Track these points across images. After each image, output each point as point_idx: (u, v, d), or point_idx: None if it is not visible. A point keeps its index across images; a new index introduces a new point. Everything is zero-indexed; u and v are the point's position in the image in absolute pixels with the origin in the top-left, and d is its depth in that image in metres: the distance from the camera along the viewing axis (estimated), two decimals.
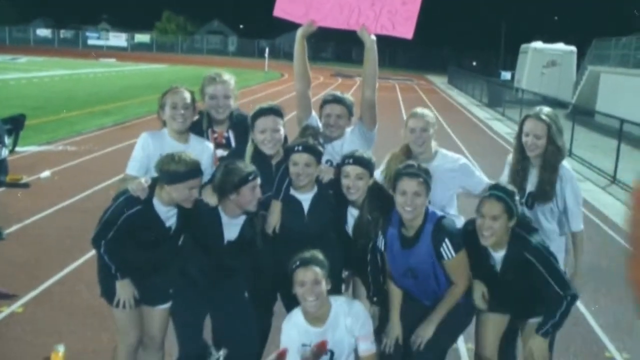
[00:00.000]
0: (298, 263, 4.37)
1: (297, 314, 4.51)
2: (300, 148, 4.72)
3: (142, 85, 34.71)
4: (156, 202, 4.45)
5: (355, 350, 4.54)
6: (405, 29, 5.11)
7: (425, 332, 4.57)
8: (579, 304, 7.64)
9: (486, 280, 4.60)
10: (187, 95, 4.92)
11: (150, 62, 60.06)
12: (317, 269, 4.33)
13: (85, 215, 9.93)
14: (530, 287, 4.45)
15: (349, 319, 4.45)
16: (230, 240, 4.67)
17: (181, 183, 4.35)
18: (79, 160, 14.21)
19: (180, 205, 4.48)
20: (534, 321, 4.63)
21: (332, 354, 4.44)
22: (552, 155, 4.87)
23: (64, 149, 15.50)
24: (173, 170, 4.32)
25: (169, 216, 4.53)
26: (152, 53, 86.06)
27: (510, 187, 4.49)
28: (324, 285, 4.36)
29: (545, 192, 4.88)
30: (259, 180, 4.51)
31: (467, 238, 4.51)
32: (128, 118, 21.26)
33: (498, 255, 4.50)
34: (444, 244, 4.44)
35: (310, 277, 4.31)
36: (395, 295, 4.75)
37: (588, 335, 6.95)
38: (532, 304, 4.61)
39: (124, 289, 4.59)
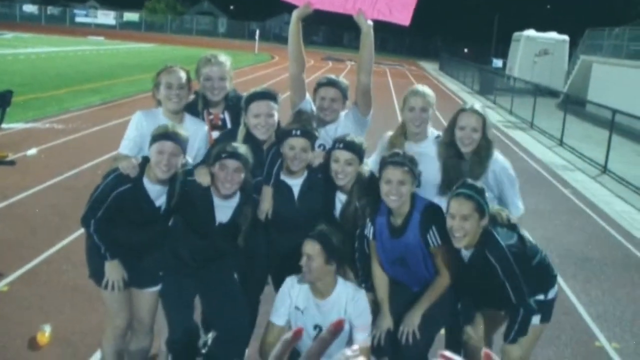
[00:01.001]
0: (310, 234, 4.41)
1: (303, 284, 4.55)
2: (298, 132, 4.69)
3: (131, 64, 34.43)
4: (146, 181, 4.41)
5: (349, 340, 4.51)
6: (403, 16, 5.04)
7: (412, 320, 4.55)
8: (569, 293, 7.69)
9: (456, 273, 4.57)
10: (183, 75, 4.85)
11: (139, 42, 59.61)
12: (316, 245, 4.34)
13: (72, 194, 9.88)
14: (493, 285, 4.38)
15: (350, 306, 4.44)
16: (222, 223, 4.63)
17: (152, 144, 4.33)
18: (66, 139, 14.09)
19: (171, 183, 4.44)
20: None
21: (321, 330, 4.41)
22: (485, 149, 4.80)
23: (51, 126, 15.35)
24: (151, 135, 4.37)
25: (158, 195, 4.49)
26: (141, 32, 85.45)
27: (480, 184, 4.38)
28: (322, 262, 4.34)
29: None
30: (235, 163, 4.41)
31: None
32: (116, 97, 21.08)
33: (467, 252, 4.45)
34: (430, 231, 4.43)
35: (307, 250, 4.35)
36: (383, 285, 4.73)
37: (578, 325, 6.97)
38: (498, 300, 4.53)
39: (114, 270, 4.54)
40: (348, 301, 4.44)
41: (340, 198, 4.86)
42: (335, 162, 4.70)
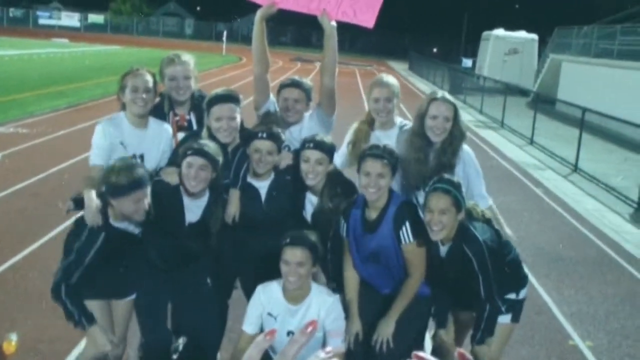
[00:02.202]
0: (288, 240, 4.33)
1: (275, 284, 4.49)
2: (264, 135, 4.68)
3: (97, 66, 34.15)
4: (113, 222, 4.35)
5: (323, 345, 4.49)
6: (367, 18, 5.05)
7: (385, 330, 4.54)
8: (542, 292, 7.75)
9: (432, 269, 4.59)
10: (149, 79, 4.81)
11: (105, 44, 59.10)
12: (304, 251, 4.29)
13: (38, 199, 9.79)
14: (468, 280, 4.42)
15: (324, 310, 4.40)
16: (192, 222, 4.62)
17: (125, 197, 4.20)
18: (31, 143, 13.91)
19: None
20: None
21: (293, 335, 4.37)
22: (456, 139, 4.84)
23: (15, 131, 15.17)
24: (114, 183, 4.17)
25: (131, 228, 4.46)
26: (107, 34, 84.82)
27: (456, 179, 4.43)
28: (308, 268, 4.33)
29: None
30: (200, 160, 4.41)
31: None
32: (83, 100, 20.90)
33: (444, 248, 4.49)
34: (404, 227, 4.44)
35: (295, 257, 4.27)
36: (353, 285, 4.70)
37: (551, 324, 7.02)
38: (471, 297, 4.56)
39: (98, 337, 4.41)
40: (322, 306, 4.40)
41: (310, 199, 4.87)
42: (305, 162, 4.70)
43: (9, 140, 13.92)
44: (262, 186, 4.84)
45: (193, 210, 4.61)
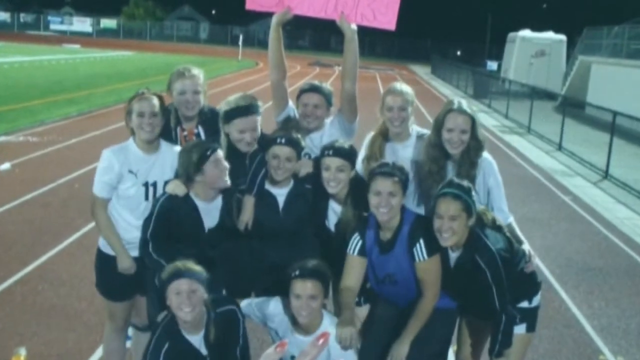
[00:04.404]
0: (297, 273, 4.23)
1: (288, 310, 4.42)
2: (283, 140, 4.67)
3: (109, 73, 34.37)
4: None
5: None
6: (387, 19, 5.02)
7: (399, 352, 4.45)
8: (570, 305, 7.68)
9: (442, 278, 4.52)
10: (155, 102, 4.75)
11: (117, 49, 59.60)
12: (316, 283, 4.21)
13: (48, 210, 9.86)
14: (480, 290, 4.37)
15: (335, 344, 4.24)
16: (211, 228, 4.62)
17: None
18: (41, 152, 14.02)
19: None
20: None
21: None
22: (474, 150, 4.76)
23: (26, 139, 15.30)
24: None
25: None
26: (119, 39, 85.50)
27: (466, 184, 4.38)
28: (320, 301, 4.28)
29: None
30: (220, 152, 4.47)
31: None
32: (94, 107, 21.04)
33: (454, 255, 4.44)
34: (417, 244, 4.38)
35: (307, 291, 4.19)
36: (350, 296, 4.52)
37: (581, 338, 6.95)
38: (482, 307, 4.51)
39: None
40: (334, 338, 4.24)
41: (334, 208, 4.84)
42: (326, 170, 4.66)
43: (19, 149, 14.05)
44: (280, 194, 4.82)
45: (210, 214, 4.61)
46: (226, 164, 4.48)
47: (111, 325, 5.17)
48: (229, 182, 4.50)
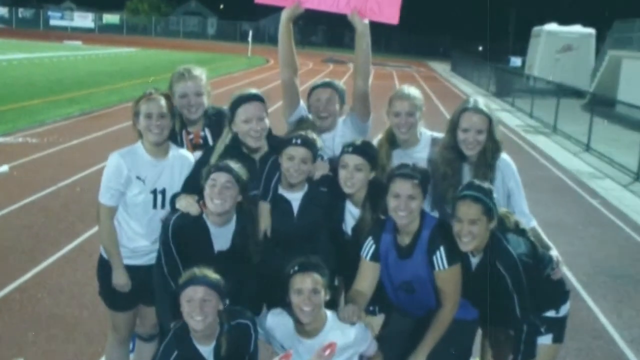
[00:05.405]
0: (296, 268, 4.25)
1: (287, 316, 4.42)
2: (298, 141, 4.63)
3: (112, 71, 34.53)
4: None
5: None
6: (392, 13, 5.05)
7: None
8: (599, 315, 7.65)
9: (462, 283, 4.49)
10: (163, 103, 4.75)
11: (120, 46, 59.81)
12: (317, 276, 4.23)
13: (47, 214, 9.90)
14: (500, 297, 4.32)
15: (342, 340, 4.25)
16: (221, 250, 4.57)
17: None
18: (41, 154, 14.09)
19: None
20: None
21: None
22: (491, 151, 4.74)
23: (25, 140, 15.39)
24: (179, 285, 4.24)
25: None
26: (122, 36, 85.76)
27: (487, 185, 4.35)
28: (323, 296, 4.26)
29: None
30: (225, 175, 4.37)
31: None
32: (96, 107, 21.14)
33: (475, 260, 4.42)
34: (437, 252, 4.36)
35: (308, 284, 4.20)
36: (362, 300, 4.52)
37: (610, 350, 6.92)
38: (503, 314, 4.46)
39: None
40: (341, 334, 4.28)
41: (351, 210, 4.82)
42: (343, 168, 4.64)
43: (18, 151, 14.13)
44: (295, 198, 4.79)
45: (221, 238, 4.56)
46: (223, 189, 4.35)
47: (114, 337, 5.19)
48: (219, 208, 4.38)
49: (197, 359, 4.18)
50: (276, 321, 4.46)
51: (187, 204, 4.50)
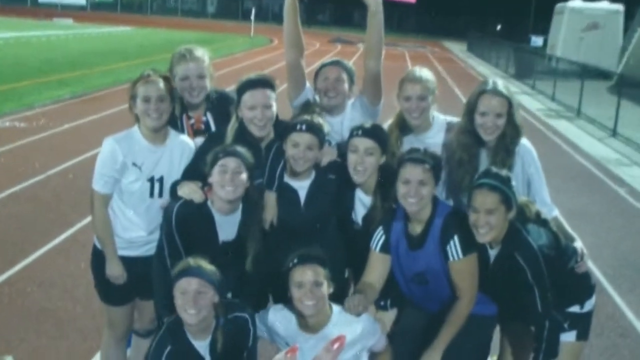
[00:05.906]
0: (296, 261, 4.25)
1: (289, 312, 4.43)
2: (303, 127, 4.63)
3: (106, 50, 34.52)
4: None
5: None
6: None
7: None
8: (626, 310, 7.64)
9: (479, 276, 4.49)
10: (162, 86, 4.71)
11: (114, 24, 59.74)
12: (319, 268, 4.23)
13: (37, 204, 9.92)
14: (520, 291, 4.34)
15: (350, 333, 4.23)
16: (226, 241, 4.58)
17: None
18: (30, 139, 14.11)
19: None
20: None
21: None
22: (511, 136, 4.73)
23: (12, 125, 15.42)
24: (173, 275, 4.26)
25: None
26: (116, 13, 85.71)
27: (505, 173, 4.34)
28: (325, 288, 4.26)
29: None
30: (235, 161, 4.38)
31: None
32: (89, 89, 21.15)
33: (493, 252, 4.42)
34: (451, 242, 4.36)
35: (309, 277, 4.19)
36: (371, 294, 4.54)
37: (638, 349, 6.91)
38: (524, 311, 4.50)
39: None
40: (347, 329, 4.24)
41: (361, 198, 4.82)
42: (353, 152, 4.64)
43: (5, 136, 14.14)
44: (302, 187, 4.79)
45: (226, 228, 4.57)
46: (235, 175, 4.36)
47: (110, 334, 5.20)
48: (231, 195, 4.39)
49: (192, 355, 4.19)
50: (278, 317, 4.47)
51: (191, 191, 4.50)
